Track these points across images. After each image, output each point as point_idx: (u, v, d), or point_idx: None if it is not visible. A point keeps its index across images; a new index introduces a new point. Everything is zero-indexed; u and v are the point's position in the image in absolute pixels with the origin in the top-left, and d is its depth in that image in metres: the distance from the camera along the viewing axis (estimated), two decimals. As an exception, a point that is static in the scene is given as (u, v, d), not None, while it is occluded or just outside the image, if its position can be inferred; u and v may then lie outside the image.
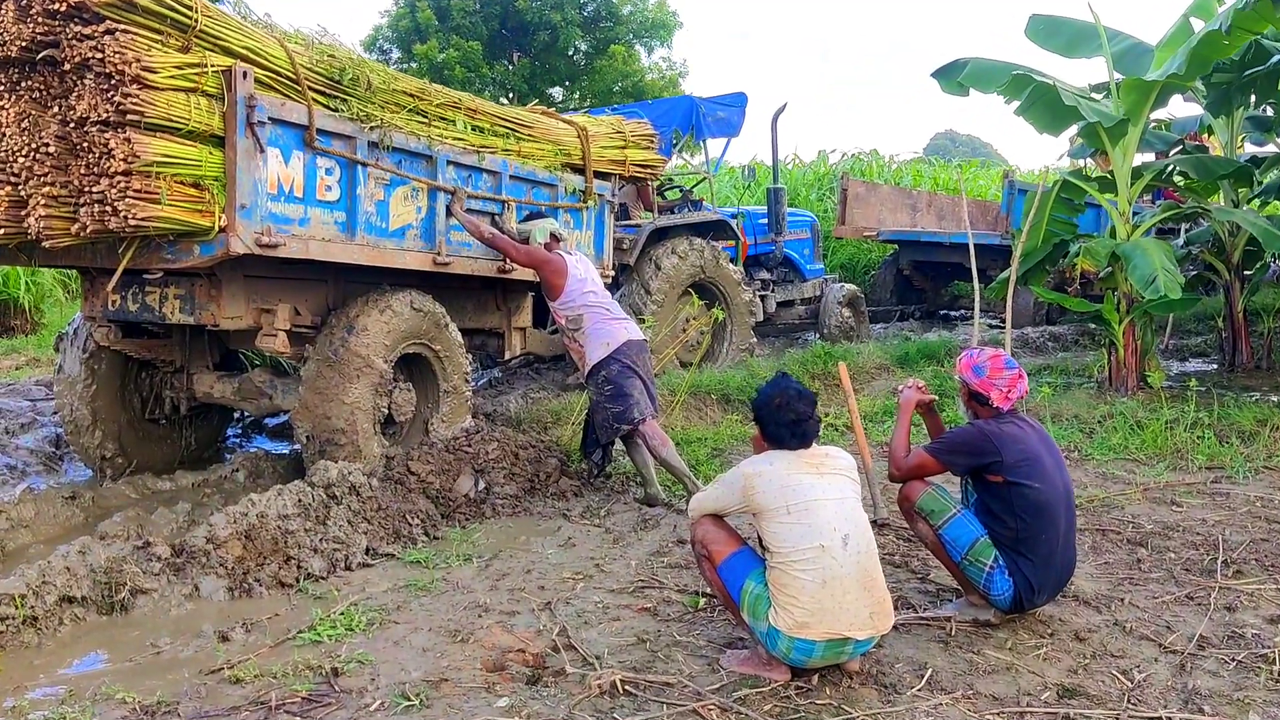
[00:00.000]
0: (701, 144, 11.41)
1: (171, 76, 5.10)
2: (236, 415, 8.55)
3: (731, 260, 11.29)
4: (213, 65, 5.32)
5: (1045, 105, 9.09)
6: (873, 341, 12.39)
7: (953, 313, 16.98)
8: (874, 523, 5.60)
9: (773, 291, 12.62)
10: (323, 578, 5.28)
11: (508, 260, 7.18)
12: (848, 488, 4.19)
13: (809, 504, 4.03)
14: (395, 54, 31.99)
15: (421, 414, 7.05)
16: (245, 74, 5.41)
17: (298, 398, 6.42)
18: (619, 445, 7.11)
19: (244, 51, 5.50)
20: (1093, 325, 13.39)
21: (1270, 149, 11.42)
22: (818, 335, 13.22)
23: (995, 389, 4.68)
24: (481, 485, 6.51)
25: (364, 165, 6.26)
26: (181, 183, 5.22)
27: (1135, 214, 10.41)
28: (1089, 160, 19.49)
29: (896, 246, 16.11)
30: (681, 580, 5.21)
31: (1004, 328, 14.29)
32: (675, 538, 5.93)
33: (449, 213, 6.95)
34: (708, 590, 4.82)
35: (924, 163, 23.23)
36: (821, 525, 3.99)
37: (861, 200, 15.31)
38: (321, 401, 6.31)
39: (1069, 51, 10.08)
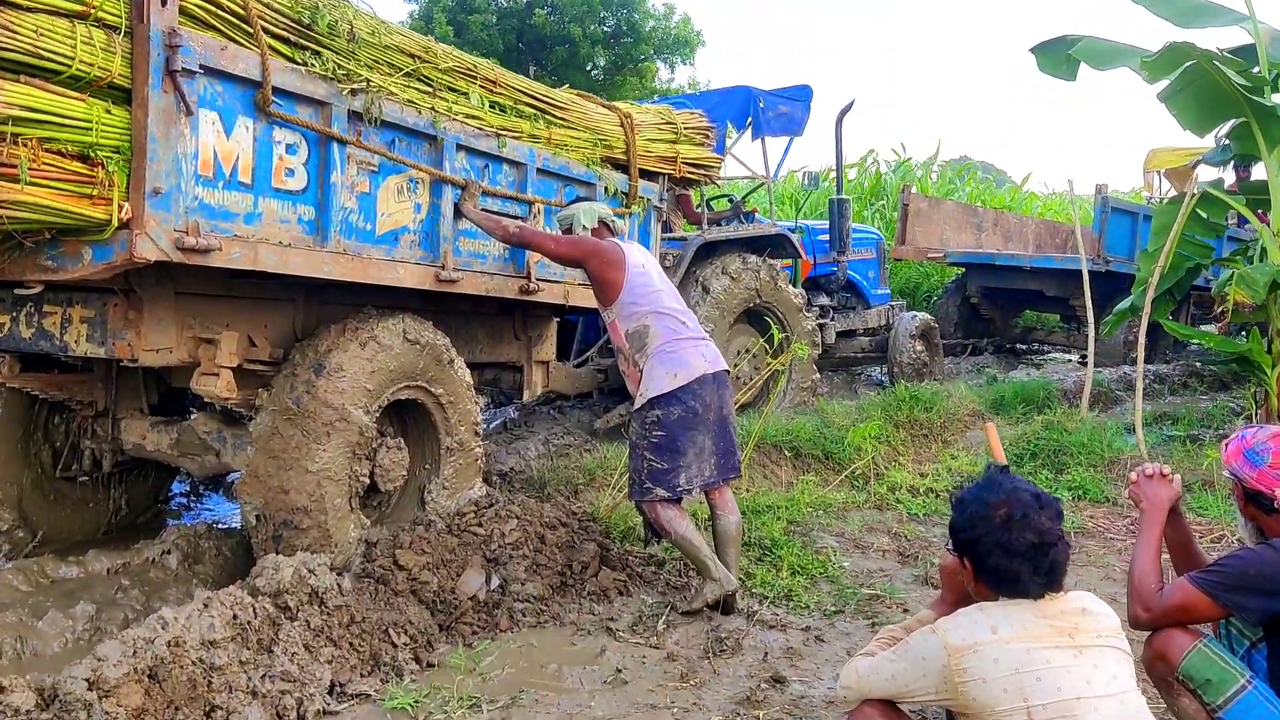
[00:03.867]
0: (760, 143, 9.67)
1: (44, -9, 3.42)
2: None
3: (791, 282, 9.57)
4: (115, -18, 3.64)
5: (1200, 92, 7.37)
6: (958, 382, 10.62)
7: (1021, 346, 15.23)
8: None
9: (833, 319, 10.87)
10: (262, 738, 3.58)
11: (549, 257, 5.46)
12: (1124, 670, 2.48)
13: (1069, 706, 2.33)
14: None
15: (416, 480, 5.33)
16: (165, -1, 3.73)
17: (247, 461, 4.72)
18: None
19: (165, -32, 3.81)
20: (1216, 368, 11.73)
21: None
22: (886, 371, 11.46)
23: (1284, 486, 3.00)
24: (495, 583, 4.78)
25: (342, 143, 4.58)
26: (59, 153, 3.51)
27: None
28: (1161, 178, 17.87)
29: (962, 270, 14.37)
30: (792, 754, 3.50)
31: (1096, 365, 12.65)
32: (768, 672, 4.19)
33: (457, 212, 5.27)
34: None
35: (975, 177, 21.38)
36: (1094, 744, 2.28)
37: (924, 217, 13.54)
38: (278, 469, 4.60)
39: (1185, 20, 8.31)
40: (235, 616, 3.81)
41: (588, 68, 31.43)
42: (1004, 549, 2.51)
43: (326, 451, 4.63)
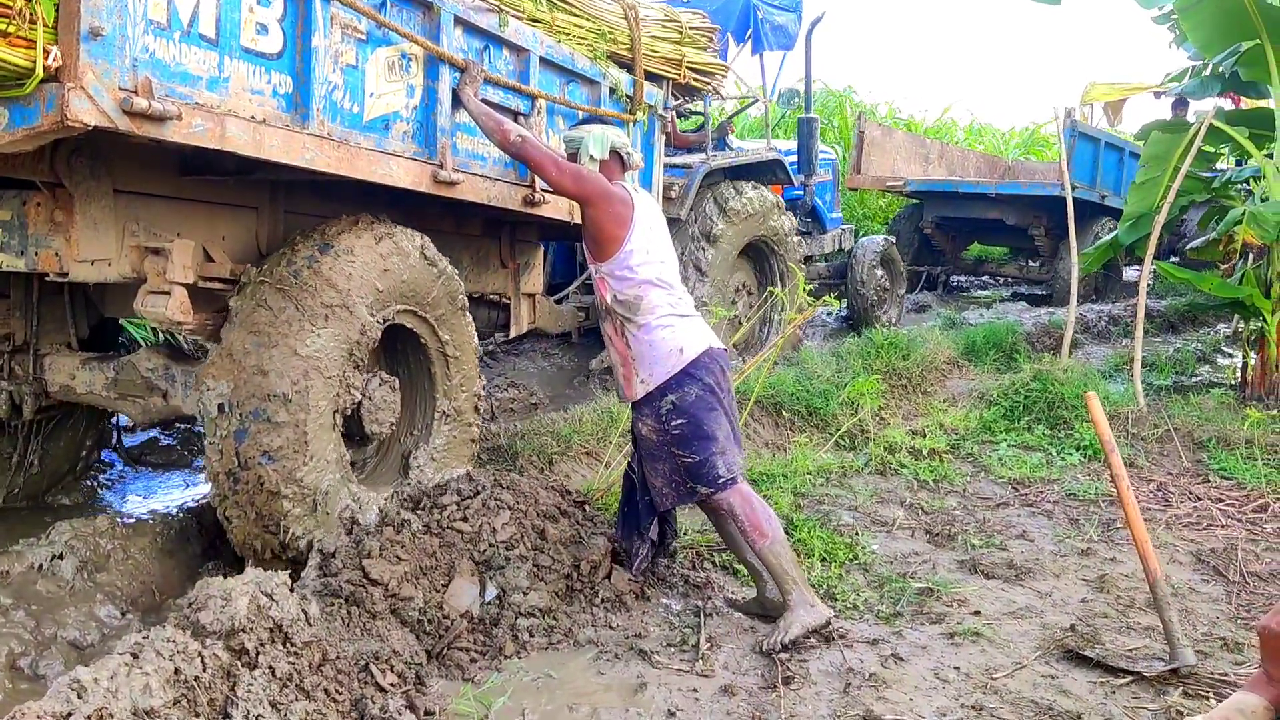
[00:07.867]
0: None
1: None
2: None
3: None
4: None
5: (1218, 8, 6.91)
6: (929, 326, 9.85)
7: (967, 278, 14.88)
8: (1174, 671, 3.51)
9: (793, 247, 9.95)
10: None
11: (545, 183, 4.32)
12: None
13: None
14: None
15: (401, 445, 4.36)
16: None
17: (218, 347, 3.72)
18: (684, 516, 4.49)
19: None
20: (1164, 309, 11.41)
21: None
22: (845, 300, 10.52)
23: None
24: (491, 593, 3.74)
25: (326, -1, 3.39)
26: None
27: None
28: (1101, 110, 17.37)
29: (912, 201, 13.77)
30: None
31: (1046, 304, 12.20)
32: (856, 709, 3.30)
33: (456, 101, 4.11)
34: None
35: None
36: None
37: (878, 146, 12.86)
38: (258, 346, 3.63)
39: None
40: (178, 670, 2.67)
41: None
42: None
43: (320, 337, 3.70)
